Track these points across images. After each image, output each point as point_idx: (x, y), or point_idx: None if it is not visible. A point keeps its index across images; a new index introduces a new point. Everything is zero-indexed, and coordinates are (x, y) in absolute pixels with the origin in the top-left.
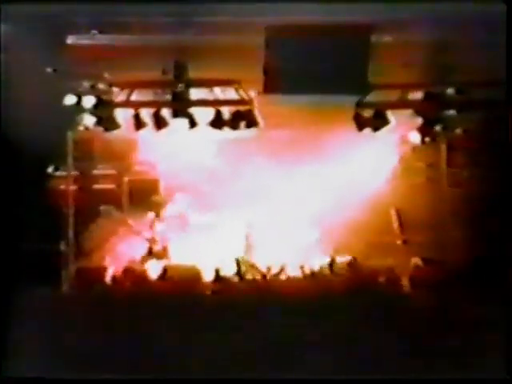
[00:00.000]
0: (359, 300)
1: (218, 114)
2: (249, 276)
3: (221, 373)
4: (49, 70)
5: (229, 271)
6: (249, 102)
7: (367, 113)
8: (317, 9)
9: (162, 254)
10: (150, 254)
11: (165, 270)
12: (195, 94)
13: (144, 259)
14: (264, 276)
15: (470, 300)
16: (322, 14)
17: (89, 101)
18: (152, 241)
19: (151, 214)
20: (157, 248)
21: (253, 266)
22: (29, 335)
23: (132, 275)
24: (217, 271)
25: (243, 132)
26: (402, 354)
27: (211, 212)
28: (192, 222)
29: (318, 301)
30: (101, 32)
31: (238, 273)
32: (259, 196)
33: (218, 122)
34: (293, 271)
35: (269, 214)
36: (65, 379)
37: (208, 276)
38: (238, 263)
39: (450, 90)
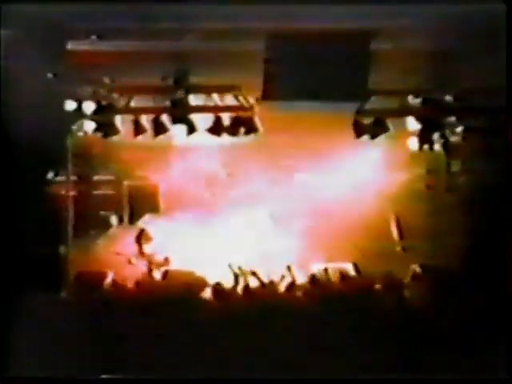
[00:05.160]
0: (358, 306)
1: (218, 120)
2: (247, 282)
3: (221, 373)
4: (49, 75)
5: (228, 277)
6: (248, 108)
7: (366, 120)
8: (317, 15)
9: (163, 264)
10: (150, 272)
11: (166, 272)
12: (195, 100)
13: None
14: (262, 282)
15: (470, 302)
16: (322, 21)
17: (89, 106)
18: (148, 261)
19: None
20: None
21: (253, 273)
22: (29, 336)
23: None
24: (216, 277)
25: (242, 138)
26: (402, 354)
27: (210, 217)
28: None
29: (317, 307)
30: (101, 37)
31: (236, 280)
32: (257, 202)
33: (216, 128)
34: (291, 277)
35: (267, 219)
36: (65, 379)
37: (207, 282)
38: (235, 272)
39: (449, 97)
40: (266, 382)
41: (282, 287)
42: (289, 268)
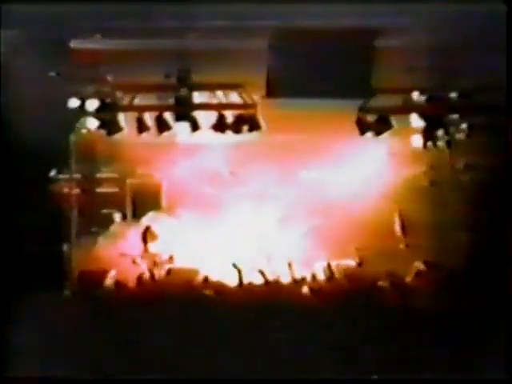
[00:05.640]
0: (362, 303)
1: (221, 117)
2: (251, 280)
3: (221, 373)
4: (52, 73)
5: (231, 275)
6: (252, 105)
7: (370, 117)
8: (320, 13)
9: (167, 262)
10: (153, 271)
11: (169, 270)
12: (198, 97)
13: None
14: (266, 280)
15: (471, 302)
16: (325, 19)
17: (92, 104)
18: (152, 261)
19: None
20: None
21: (260, 271)
22: (29, 336)
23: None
24: (219, 274)
25: (246, 136)
26: (403, 354)
27: (213, 215)
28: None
29: (321, 304)
30: (104, 36)
31: (240, 277)
32: (261, 200)
33: (220, 126)
34: (295, 274)
35: (271, 217)
36: (65, 379)
37: (210, 279)
38: (239, 269)
39: (453, 94)
40: (267, 381)
41: (285, 285)
42: (289, 265)
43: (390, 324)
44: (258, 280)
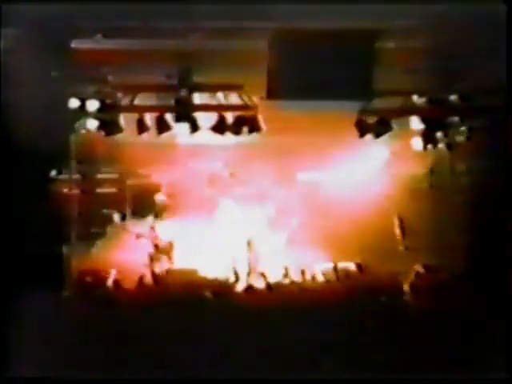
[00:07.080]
0: (361, 305)
1: (221, 118)
2: (250, 282)
3: (221, 373)
4: (53, 73)
5: (230, 276)
6: (252, 107)
7: (370, 119)
8: (320, 14)
9: (167, 249)
10: (157, 249)
11: (168, 271)
12: (199, 98)
13: (152, 257)
14: (266, 281)
15: (471, 303)
16: (325, 20)
17: (92, 105)
18: (155, 239)
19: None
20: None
21: (255, 272)
22: (29, 336)
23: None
24: (218, 276)
25: (246, 137)
26: (403, 355)
27: (213, 216)
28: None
29: (320, 306)
30: (105, 36)
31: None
32: (261, 201)
33: (220, 127)
34: (294, 276)
35: (270, 219)
36: (65, 379)
37: (209, 280)
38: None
39: (453, 97)
40: (266, 381)
41: (284, 286)
42: (288, 267)
43: (390, 325)
44: (258, 281)
